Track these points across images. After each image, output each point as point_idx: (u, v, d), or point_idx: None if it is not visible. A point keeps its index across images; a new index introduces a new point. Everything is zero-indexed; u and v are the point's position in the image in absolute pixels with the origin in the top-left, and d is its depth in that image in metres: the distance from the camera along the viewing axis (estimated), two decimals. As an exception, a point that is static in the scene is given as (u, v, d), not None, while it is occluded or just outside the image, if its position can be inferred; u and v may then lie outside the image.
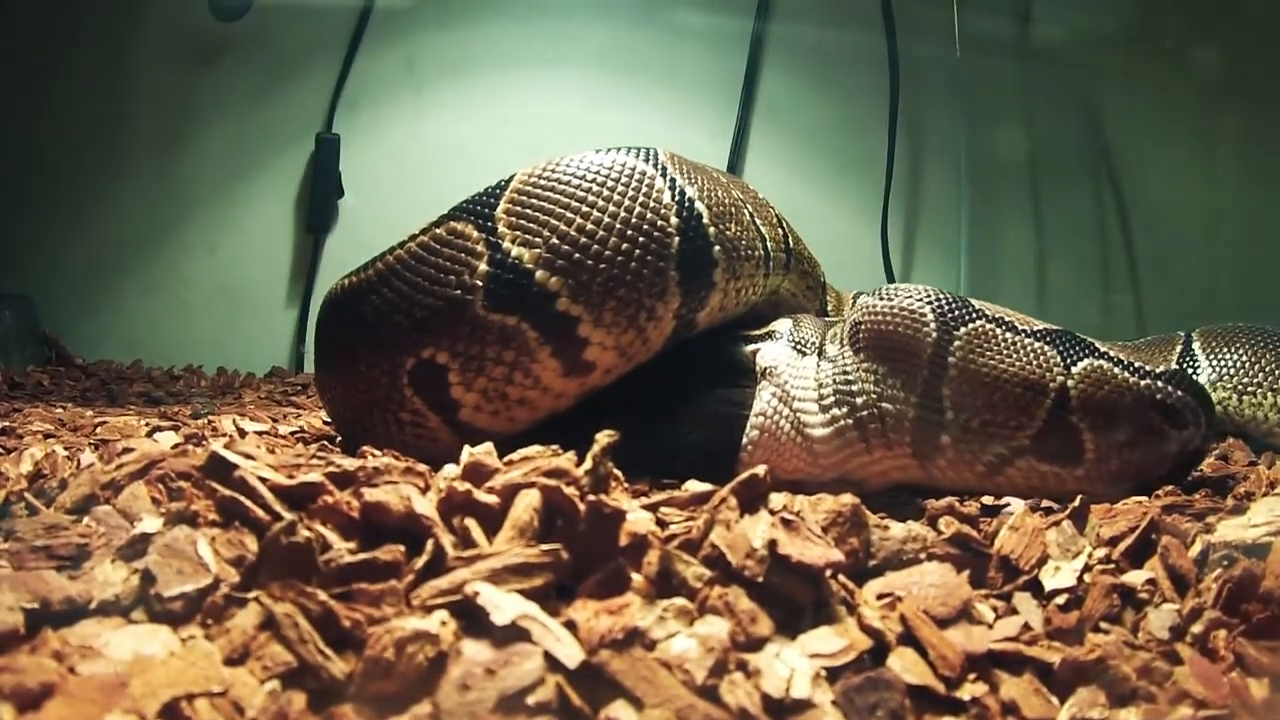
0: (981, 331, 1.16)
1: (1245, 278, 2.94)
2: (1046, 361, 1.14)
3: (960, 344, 1.15)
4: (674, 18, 3.04)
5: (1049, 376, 1.13)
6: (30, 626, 0.65)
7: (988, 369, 1.14)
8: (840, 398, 1.20)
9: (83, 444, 1.24)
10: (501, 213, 1.18)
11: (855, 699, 0.65)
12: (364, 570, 0.70)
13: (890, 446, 1.17)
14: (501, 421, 1.22)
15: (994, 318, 1.18)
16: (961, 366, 1.15)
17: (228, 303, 2.94)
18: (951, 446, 1.15)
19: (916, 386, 1.16)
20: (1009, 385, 1.14)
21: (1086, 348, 1.17)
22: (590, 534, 0.73)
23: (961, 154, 3.06)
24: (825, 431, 1.20)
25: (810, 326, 1.34)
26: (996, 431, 1.14)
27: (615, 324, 1.18)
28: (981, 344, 1.15)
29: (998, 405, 1.14)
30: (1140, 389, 1.15)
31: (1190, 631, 0.76)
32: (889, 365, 1.18)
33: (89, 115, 2.92)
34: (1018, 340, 1.16)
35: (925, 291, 1.20)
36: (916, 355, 1.16)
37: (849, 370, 1.21)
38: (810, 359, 1.27)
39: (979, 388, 1.14)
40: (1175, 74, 2.95)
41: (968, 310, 1.18)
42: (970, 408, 1.14)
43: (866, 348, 1.20)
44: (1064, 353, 1.15)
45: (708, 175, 1.32)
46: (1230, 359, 1.88)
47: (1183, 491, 1.10)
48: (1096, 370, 1.14)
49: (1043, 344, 1.16)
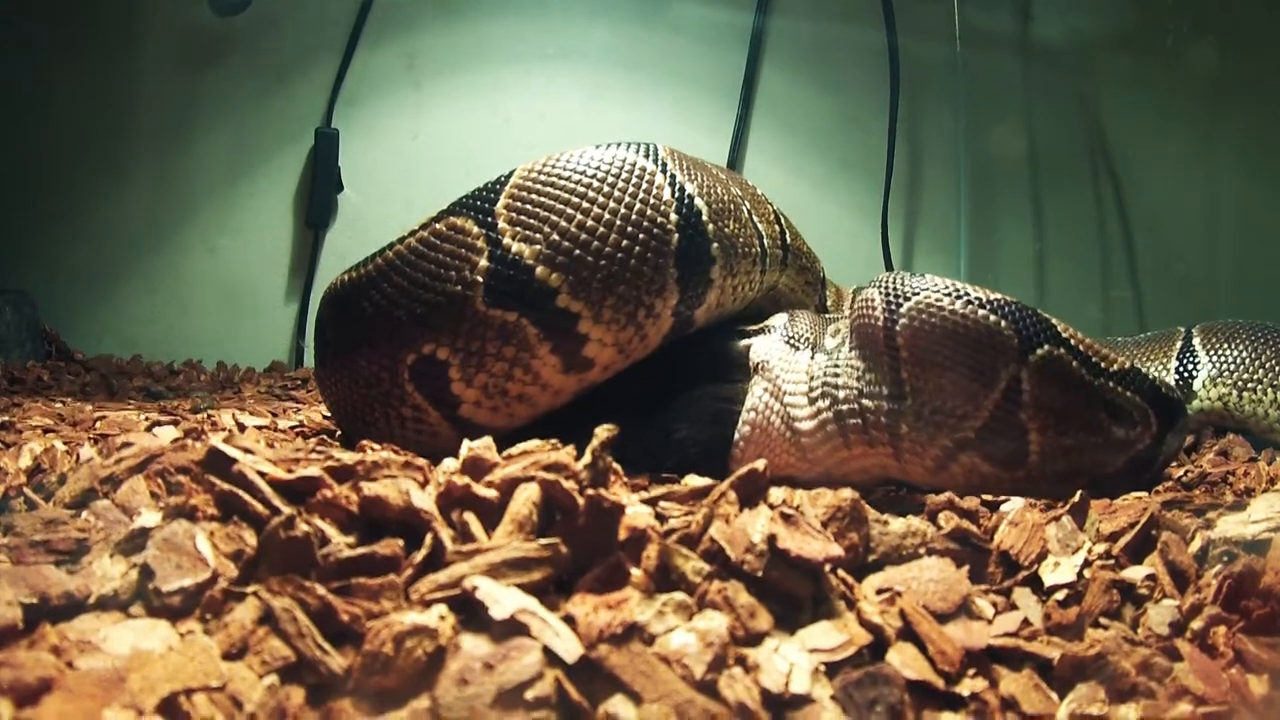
0: (925, 304, 1.09)
1: (1245, 277, 2.94)
2: (1001, 343, 1.06)
3: (904, 321, 1.09)
4: (674, 14, 3.04)
5: (1001, 362, 1.06)
6: (29, 621, 0.65)
7: (935, 345, 1.08)
8: (826, 390, 1.18)
9: (82, 439, 1.24)
10: (502, 208, 1.18)
11: (854, 694, 0.65)
12: (363, 564, 0.70)
13: (871, 443, 1.14)
14: (501, 418, 1.22)
15: (943, 287, 1.10)
16: (909, 345, 1.09)
17: (228, 298, 2.94)
18: (907, 435, 1.10)
19: (884, 374, 1.11)
20: (959, 367, 1.07)
21: (1047, 331, 1.08)
22: (589, 528, 0.73)
23: (961, 151, 3.06)
24: (810, 425, 1.19)
25: (806, 321, 1.33)
26: (945, 420, 1.08)
27: (614, 321, 1.18)
28: (926, 320, 1.08)
29: (948, 389, 1.07)
30: (1094, 387, 1.08)
31: (1190, 627, 0.76)
32: (865, 355, 1.15)
33: (89, 114, 2.91)
34: (971, 313, 1.07)
35: (889, 275, 1.14)
36: (876, 341, 1.12)
37: (838, 364, 1.19)
38: (803, 354, 1.25)
39: (930, 368, 1.08)
40: (1175, 74, 2.95)
41: (910, 286, 1.11)
42: (924, 391, 1.09)
43: (854, 343, 1.18)
44: (1023, 335, 1.07)
45: (707, 171, 1.32)
46: (1231, 355, 1.88)
47: (1182, 487, 1.10)
48: (1054, 360, 1.07)
49: (1000, 319, 1.07)
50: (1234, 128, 2.98)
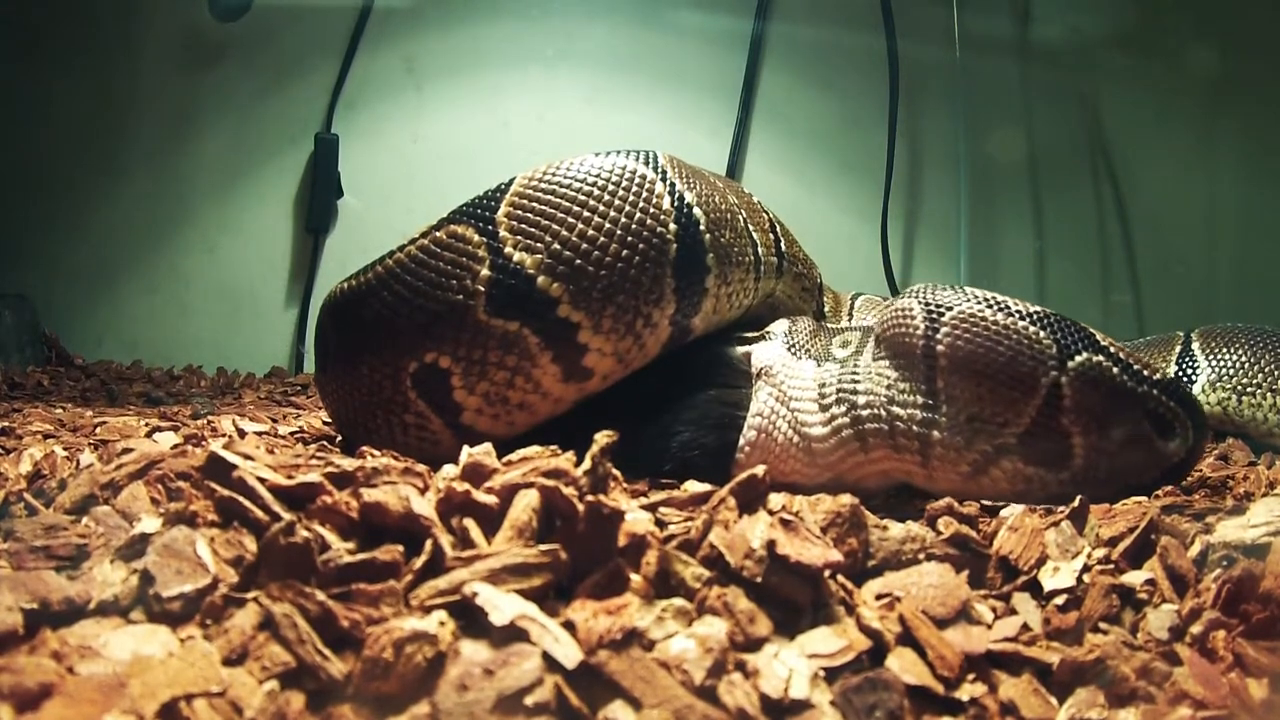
0: (966, 315, 1.11)
1: (1245, 278, 2.94)
2: (1040, 352, 1.08)
3: (945, 331, 1.11)
4: (674, 18, 3.04)
5: (1041, 370, 1.08)
6: (29, 627, 0.65)
7: (975, 355, 1.09)
8: (842, 397, 1.19)
9: (82, 444, 1.24)
10: (503, 216, 1.18)
11: (854, 699, 0.65)
12: (363, 570, 0.70)
13: (897, 449, 1.15)
14: (502, 425, 1.22)
15: (984, 299, 1.12)
16: (949, 355, 1.10)
17: (227, 303, 2.94)
18: (939, 443, 1.12)
19: (918, 383, 1.13)
20: (999, 376, 1.08)
21: (1086, 339, 1.10)
22: (589, 534, 0.73)
23: (961, 154, 3.06)
24: (823, 431, 1.20)
25: (806, 328, 1.33)
26: (983, 427, 1.10)
27: (614, 330, 1.18)
28: (967, 330, 1.10)
29: (986, 398, 1.09)
30: (1137, 394, 1.09)
31: (1189, 632, 0.76)
32: (897, 365, 1.16)
33: (89, 115, 2.92)
34: (1012, 324, 1.10)
35: (924, 287, 1.17)
36: (912, 352, 1.14)
37: (857, 372, 1.19)
38: (806, 362, 1.26)
39: (968, 377, 1.09)
40: (1175, 74, 2.95)
41: (950, 298, 1.13)
42: (960, 400, 1.10)
43: (885, 353, 1.18)
44: (1061, 343, 1.09)
45: (705, 180, 1.31)
46: (1230, 359, 1.88)
47: (1182, 492, 1.10)
48: (1093, 366, 1.09)
49: (1039, 329, 1.09)
50: (1234, 128, 2.98)
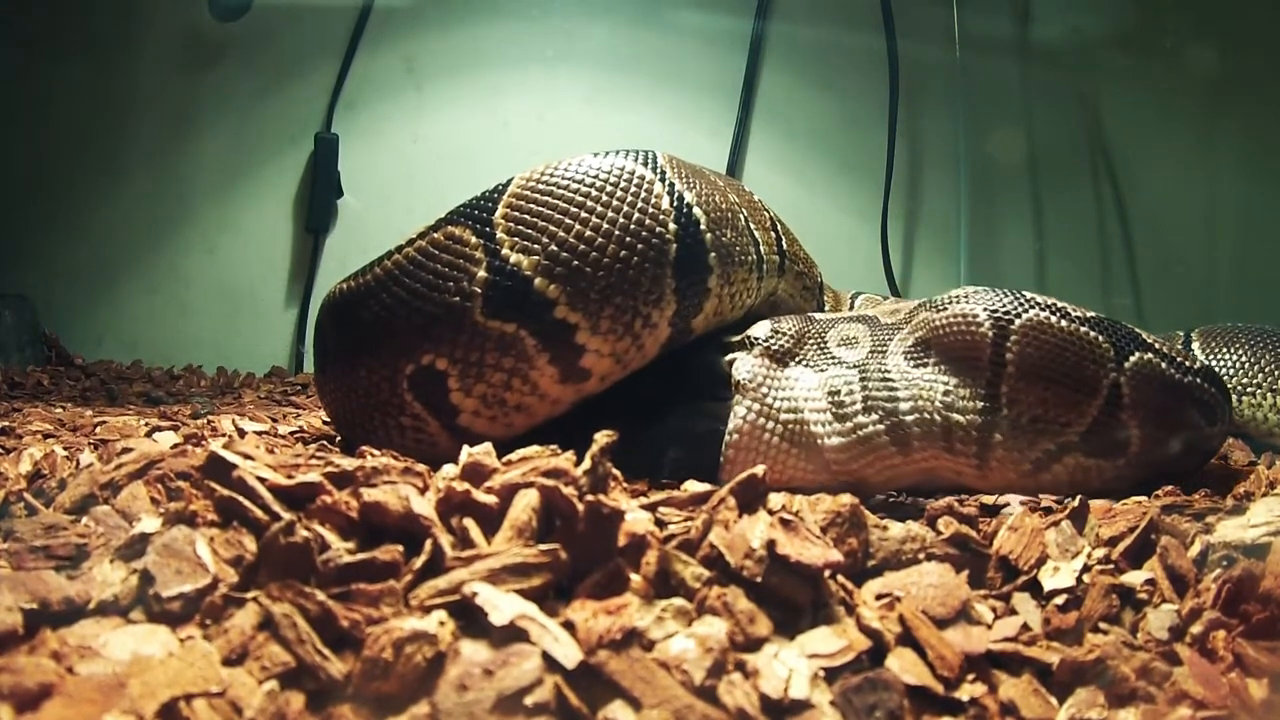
0: (1036, 322, 1.17)
1: (1245, 278, 2.94)
2: (1101, 355, 1.15)
3: (1016, 338, 1.16)
4: (674, 18, 3.04)
5: (1103, 373, 1.14)
6: (29, 627, 0.65)
7: (1044, 361, 1.15)
8: (873, 404, 1.19)
9: (82, 444, 1.24)
10: (500, 218, 1.18)
11: (854, 699, 0.65)
12: (362, 570, 0.70)
13: (951, 452, 1.17)
14: (499, 427, 1.22)
15: (1044, 304, 1.18)
16: (1019, 362, 1.15)
17: (227, 303, 2.94)
18: (1001, 444, 1.15)
19: (980, 388, 1.16)
20: (1066, 380, 1.14)
21: (1136, 340, 1.17)
22: (589, 534, 0.73)
23: (961, 154, 3.06)
24: (841, 440, 1.19)
25: (790, 331, 1.30)
26: (1047, 427, 1.15)
27: (612, 331, 1.18)
28: (1038, 337, 1.16)
29: (1051, 401, 1.15)
30: (1185, 385, 1.17)
31: (1189, 632, 0.76)
32: (955, 370, 1.18)
33: (89, 115, 2.92)
34: (1074, 330, 1.16)
35: (977, 292, 1.20)
36: (976, 357, 1.17)
37: (891, 377, 1.20)
38: (798, 369, 1.25)
39: (1035, 382, 1.15)
40: (1175, 74, 2.95)
41: (1019, 303, 1.18)
42: (1024, 403, 1.15)
43: (937, 358, 1.20)
44: (1117, 345, 1.16)
45: (704, 179, 1.31)
46: (1229, 359, 1.88)
47: (1182, 491, 1.10)
48: (1146, 364, 1.16)
49: (1097, 333, 1.16)
50: (1234, 128, 2.98)
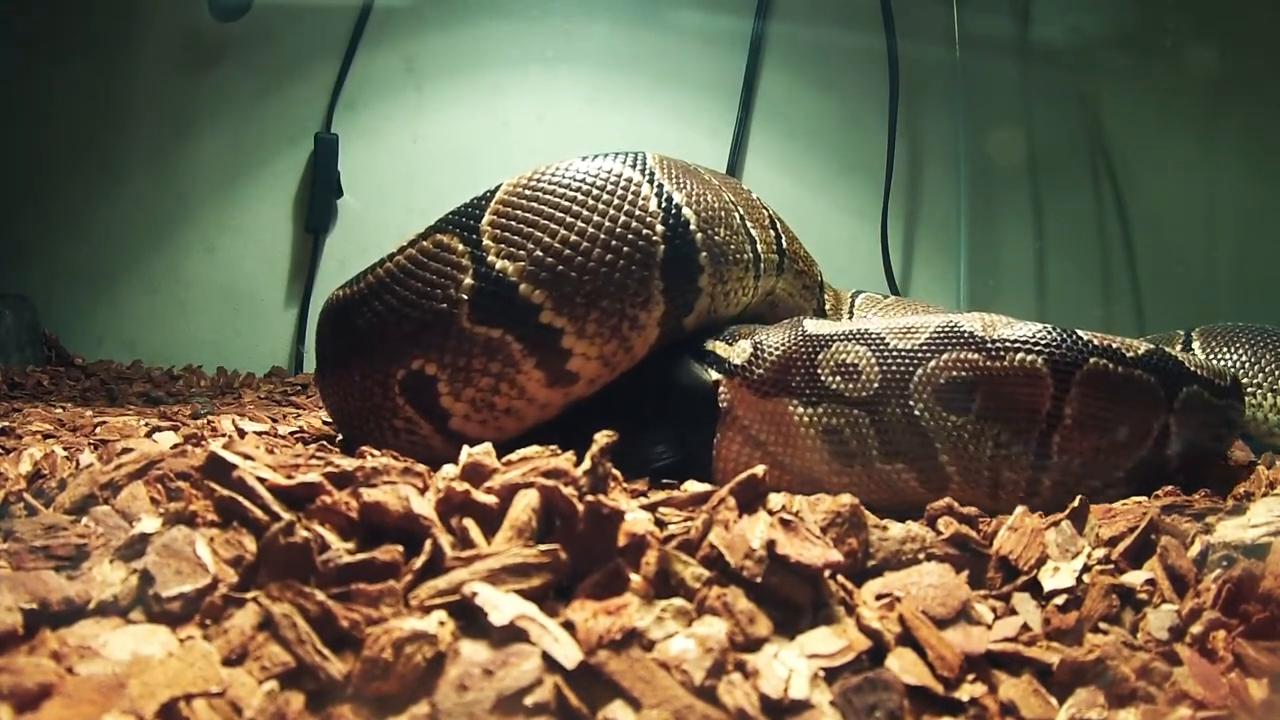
0: (1096, 371, 1.09)
1: (1245, 278, 2.94)
2: (1154, 401, 1.11)
3: (1077, 390, 1.09)
4: (674, 18, 3.04)
5: (1155, 417, 1.12)
6: (29, 627, 0.65)
7: (1101, 410, 1.10)
8: (893, 452, 1.12)
9: (82, 444, 1.24)
10: (486, 225, 1.18)
11: (853, 699, 0.65)
12: (362, 570, 0.70)
13: (994, 497, 1.11)
14: (490, 430, 1.22)
15: (1101, 348, 1.10)
16: (1077, 416, 1.09)
17: (227, 303, 2.94)
18: (1049, 489, 1.11)
19: (1032, 440, 1.09)
20: (1119, 430, 1.11)
21: (1182, 373, 1.14)
22: (589, 534, 0.73)
23: (961, 154, 3.06)
24: (849, 480, 1.14)
25: (775, 352, 1.19)
26: (1096, 470, 1.11)
27: (599, 335, 1.18)
28: (1097, 387, 1.09)
29: (1104, 448, 1.10)
30: (1223, 408, 1.18)
31: (1189, 632, 0.76)
32: (1006, 420, 1.10)
33: (89, 115, 2.92)
34: (1130, 375, 1.10)
35: (1032, 334, 1.10)
36: (1034, 409, 1.09)
37: (924, 429, 1.11)
38: (785, 400, 1.16)
39: (1090, 432, 1.10)
40: (1175, 74, 2.95)
41: (1080, 348, 1.10)
42: (1076, 450, 1.10)
43: (985, 405, 1.10)
44: (1167, 385, 1.12)
45: (698, 179, 1.30)
46: (1230, 359, 1.88)
47: (1182, 491, 1.10)
48: (1193, 396, 1.14)
49: (1149, 375, 1.11)
50: (1234, 128, 2.98)
